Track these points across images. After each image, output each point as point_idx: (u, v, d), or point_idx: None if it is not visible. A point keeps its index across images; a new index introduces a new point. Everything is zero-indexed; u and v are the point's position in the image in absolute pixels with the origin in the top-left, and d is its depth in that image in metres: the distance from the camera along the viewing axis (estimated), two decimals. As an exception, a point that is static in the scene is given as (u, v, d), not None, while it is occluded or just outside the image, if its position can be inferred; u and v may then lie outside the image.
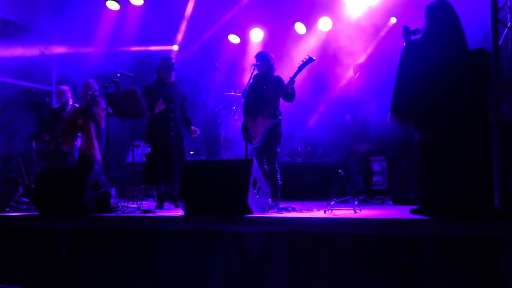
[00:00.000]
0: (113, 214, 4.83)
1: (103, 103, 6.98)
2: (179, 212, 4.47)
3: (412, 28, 4.01)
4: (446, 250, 3.13)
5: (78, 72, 8.82)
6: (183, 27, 9.66)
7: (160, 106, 6.07)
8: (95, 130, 6.89)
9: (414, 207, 3.81)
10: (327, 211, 4.40)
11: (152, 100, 6.15)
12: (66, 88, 7.58)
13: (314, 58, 5.72)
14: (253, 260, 3.71)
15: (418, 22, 3.94)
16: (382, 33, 8.25)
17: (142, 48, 9.88)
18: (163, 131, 6.16)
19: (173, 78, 6.37)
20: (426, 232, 3.23)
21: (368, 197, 6.12)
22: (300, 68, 5.67)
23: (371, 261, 3.33)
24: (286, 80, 5.75)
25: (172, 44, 9.97)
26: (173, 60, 6.47)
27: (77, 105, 6.95)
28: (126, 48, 9.73)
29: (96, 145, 6.82)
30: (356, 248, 3.40)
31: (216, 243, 3.87)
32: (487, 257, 3.01)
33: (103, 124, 7.01)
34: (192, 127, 6.40)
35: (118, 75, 6.22)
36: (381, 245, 3.32)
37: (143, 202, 6.03)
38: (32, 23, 9.16)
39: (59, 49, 9.63)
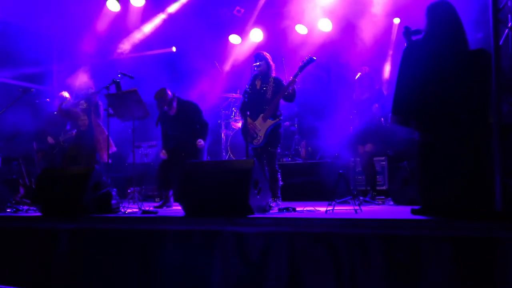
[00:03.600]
0: (114, 215, 4.83)
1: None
2: (180, 213, 4.47)
3: (413, 28, 4.01)
4: (446, 251, 3.13)
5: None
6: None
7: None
8: None
9: (415, 207, 3.81)
10: (328, 212, 4.40)
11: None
12: (67, 94, 7.61)
13: (315, 58, 5.73)
14: (253, 261, 3.71)
15: (420, 22, 3.94)
16: (384, 33, 8.29)
17: (142, 53, 9.90)
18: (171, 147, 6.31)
19: (168, 109, 6.37)
20: (427, 233, 3.23)
21: (372, 198, 6.12)
22: (301, 68, 5.67)
23: (372, 262, 3.33)
24: (286, 80, 5.76)
25: (171, 45, 10.00)
26: (165, 94, 6.36)
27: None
28: (125, 53, 9.75)
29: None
30: (356, 249, 3.39)
31: (217, 244, 3.86)
32: (487, 257, 3.01)
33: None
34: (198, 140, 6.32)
35: (119, 75, 6.23)
36: (382, 245, 3.32)
37: (144, 203, 6.03)
38: (32, 24, 9.17)
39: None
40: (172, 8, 9.45)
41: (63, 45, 9.68)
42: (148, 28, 9.54)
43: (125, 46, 9.54)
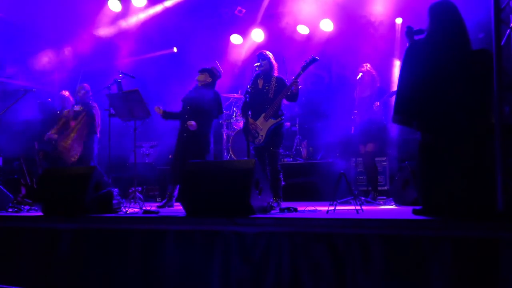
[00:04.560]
0: (115, 215, 4.83)
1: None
2: (181, 213, 4.47)
3: (416, 28, 4.00)
4: (447, 251, 3.12)
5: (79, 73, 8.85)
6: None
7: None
8: None
9: (417, 207, 3.80)
10: (329, 212, 4.39)
11: None
12: (67, 93, 7.60)
13: (318, 58, 5.72)
14: (254, 261, 3.71)
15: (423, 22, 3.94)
16: (386, 33, 8.29)
17: (143, 56, 9.90)
18: (179, 133, 6.28)
19: (198, 80, 6.44)
20: (428, 233, 3.22)
21: (374, 198, 6.12)
22: (304, 68, 5.67)
23: (373, 262, 3.33)
24: (288, 80, 5.75)
25: (172, 46, 9.99)
26: (218, 70, 6.61)
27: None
28: (127, 57, 9.75)
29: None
30: (357, 249, 3.39)
31: (218, 244, 3.86)
32: (489, 257, 3.00)
33: None
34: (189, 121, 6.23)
35: (120, 75, 6.23)
36: (383, 245, 3.32)
37: (145, 203, 6.04)
38: (31, 24, 9.18)
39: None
40: (170, 2, 9.41)
41: (63, 45, 9.69)
42: (140, 17, 9.48)
43: (105, 31, 9.49)
